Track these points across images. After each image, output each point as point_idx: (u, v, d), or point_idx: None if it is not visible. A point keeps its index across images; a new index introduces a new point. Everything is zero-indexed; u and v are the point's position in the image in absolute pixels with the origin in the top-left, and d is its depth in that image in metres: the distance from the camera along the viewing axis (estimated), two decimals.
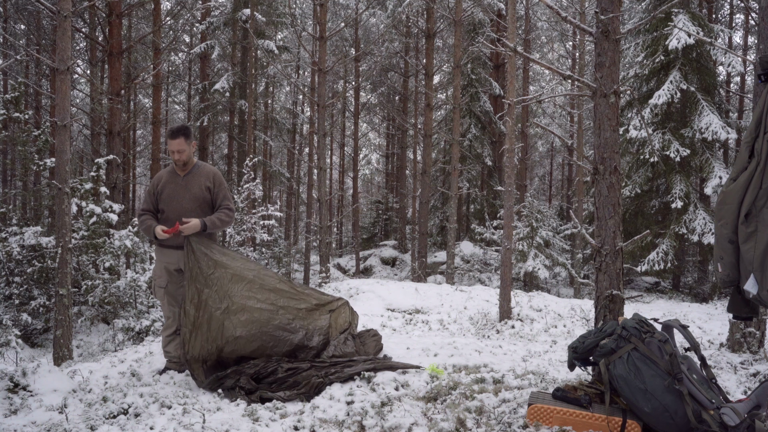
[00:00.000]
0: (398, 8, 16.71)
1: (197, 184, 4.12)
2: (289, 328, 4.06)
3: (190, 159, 4.17)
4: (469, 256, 17.00)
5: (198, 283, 3.92)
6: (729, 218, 2.68)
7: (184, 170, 4.17)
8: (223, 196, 4.15)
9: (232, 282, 4.00)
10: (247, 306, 3.97)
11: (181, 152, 4.06)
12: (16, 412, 3.43)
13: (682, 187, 12.99)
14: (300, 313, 4.17)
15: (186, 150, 4.08)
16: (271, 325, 3.99)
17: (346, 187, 31.65)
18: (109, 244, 8.76)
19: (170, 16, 17.89)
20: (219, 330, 3.88)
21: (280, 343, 4.01)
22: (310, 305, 4.27)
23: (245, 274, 4.07)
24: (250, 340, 3.93)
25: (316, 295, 4.43)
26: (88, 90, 18.46)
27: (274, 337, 3.99)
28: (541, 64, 4.04)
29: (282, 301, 4.13)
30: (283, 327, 4.04)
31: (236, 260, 4.15)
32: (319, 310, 4.31)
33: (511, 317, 7.47)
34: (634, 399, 2.76)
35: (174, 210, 4.11)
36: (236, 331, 3.90)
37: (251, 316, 3.96)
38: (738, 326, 4.97)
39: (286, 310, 4.11)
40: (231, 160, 20.46)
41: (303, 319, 4.16)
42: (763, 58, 2.80)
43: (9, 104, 9.02)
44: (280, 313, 4.07)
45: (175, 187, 4.13)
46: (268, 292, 4.10)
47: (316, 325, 4.20)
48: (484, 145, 19.33)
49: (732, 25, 19.21)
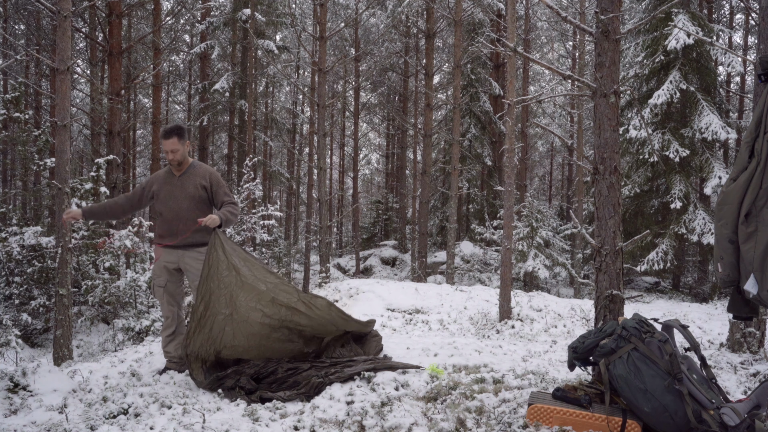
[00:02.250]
0: (398, 8, 16.71)
1: (193, 183, 4.12)
2: (288, 348, 4.00)
3: (185, 159, 4.16)
4: (469, 256, 17.00)
5: (212, 282, 3.83)
6: (729, 218, 2.68)
7: (180, 170, 4.17)
8: (224, 193, 4.13)
9: (241, 290, 3.85)
10: (249, 318, 3.85)
11: (174, 152, 4.06)
12: (16, 412, 3.43)
13: (682, 187, 12.99)
14: (310, 339, 4.07)
15: (180, 150, 4.07)
16: (272, 338, 3.93)
17: (346, 187, 31.65)
18: (109, 244, 8.76)
19: (170, 16, 17.89)
20: (219, 334, 3.85)
21: (278, 353, 4.00)
22: (327, 331, 4.11)
23: (257, 284, 3.89)
24: (247, 349, 3.91)
25: (341, 323, 4.18)
26: (88, 90, 18.47)
27: (273, 349, 3.97)
28: (541, 64, 4.04)
29: (296, 319, 3.95)
30: (282, 345, 3.98)
31: (254, 268, 3.95)
32: (340, 340, 4.18)
33: (511, 317, 7.47)
34: (634, 399, 2.76)
35: (171, 210, 4.11)
36: (235, 339, 3.87)
37: (252, 330, 3.87)
38: (738, 326, 4.97)
39: (291, 331, 3.96)
40: (231, 160, 20.46)
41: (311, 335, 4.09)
42: (763, 58, 2.80)
43: (9, 104, 9.02)
44: (284, 332, 3.96)
45: (171, 188, 4.14)
46: (279, 307, 3.91)
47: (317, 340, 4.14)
48: (484, 145, 19.33)
49: (732, 25, 19.22)
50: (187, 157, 4.18)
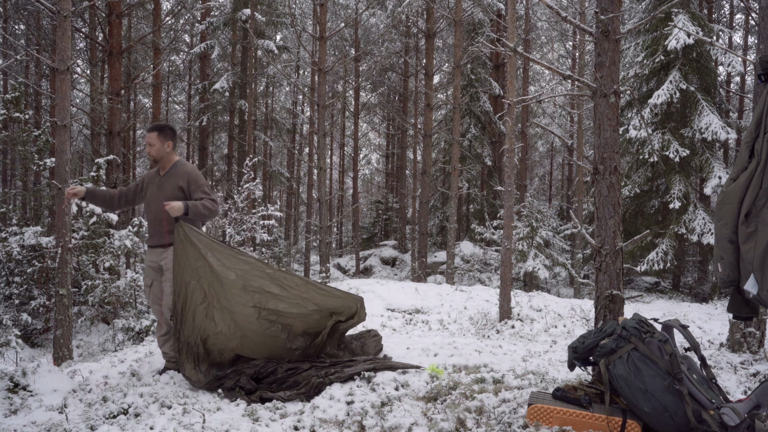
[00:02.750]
0: (398, 8, 16.72)
1: (171, 184, 4.13)
2: (270, 332, 3.98)
3: (165, 158, 4.19)
4: (469, 256, 17.00)
5: (185, 275, 3.85)
6: (729, 218, 2.68)
7: (164, 170, 4.21)
8: (201, 192, 4.08)
9: (215, 279, 3.87)
10: (227, 307, 3.89)
11: (151, 146, 4.15)
12: (16, 412, 3.43)
13: (682, 187, 12.99)
14: (288, 318, 4.02)
15: (156, 145, 4.14)
16: (254, 325, 3.93)
17: (346, 187, 31.64)
18: (109, 244, 8.77)
19: (170, 16, 17.89)
20: (202, 324, 3.89)
21: (258, 345, 3.98)
22: (306, 310, 4.06)
23: (226, 273, 3.89)
24: (229, 337, 3.92)
25: (320, 299, 4.14)
26: (88, 90, 18.46)
27: (252, 341, 3.96)
28: (541, 64, 4.04)
29: (271, 303, 3.97)
30: (263, 332, 3.96)
31: (222, 257, 3.94)
32: (317, 315, 4.11)
33: (511, 317, 7.47)
34: (634, 399, 2.76)
35: (151, 210, 4.16)
36: (218, 327, 3.91)
37: (233, 317, 3.90)
38: (738, 326, 4.97)
39: (270, 312, 3.96)
40: (231, 160, 20.47)
41: (292, 321, 4.03)
42: (763, 58, 2.80)
43: (9, 104, 9.02)
44: (262, 314, 3.96)
45: (154, 187, 4.20)
46: (252, 294, 3.93)
47: (302, 329, 4.08)
48: (484, 145, 19.33)
49: (732, 25, 19.21)
50: (169, 157, 4.21)
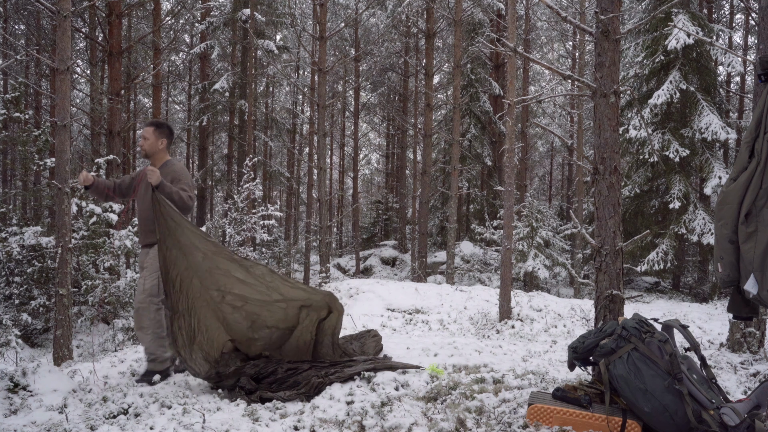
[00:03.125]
0: (398, 8, 16.73)
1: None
2: (232, 318, 3.98)
3: (156, 154, 4.20)
4: (469, 256, 17.00)
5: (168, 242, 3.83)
6: (729, 218, 2.68)
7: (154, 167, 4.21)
8: (183, 184, 4.08)
9: (182, 254, 3.84)
10: (197, 288, 3.88)
11: (145, 139, 4.19)
12: (16, 412, 3.43)
13: (682, 187, 13.00)
14: (253, 306, 4.00)
15: (150, 140, 4.17)
16: (224, 310, 3.95)
17: (346, 187, 31.64)
18: (109, 244, 8.77)
19: (170, 16, 17.89)
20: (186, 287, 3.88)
21: (228, 328, 3.99)
22: (270, 299, 4.02)
23: (194, 253, 3.86)
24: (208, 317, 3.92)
25: (284, 290, 4.08)
26: (88, 90, 18.47)
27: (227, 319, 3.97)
28: (541, 64, 4.04)
29: (236, 288, 3.94)
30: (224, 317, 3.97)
31: (193, 236, 3.89)
32: (283, 305, 4.07)
33: (511, 317, 7.47)
34: (634, 399, 2.76)
35: (140, 207, 4.21)
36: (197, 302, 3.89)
37: (204, 296, 3.89)
38: (738, 326, 4.97)
39: (235, 297, 3.96)
40: (231, 160, 20.47)
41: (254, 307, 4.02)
42: (763, 58, 2.80)
43: (9, 104, 9.03)
44: (227, 299, 3.95)
45: (144, 185, 4.21)
46: (219, 277, 3.91)
47: (267, 320, 4.06)
48: (484, 145, 19.33)
49: (732, 25, 19.22)
50: (160, 155, 4.22)
